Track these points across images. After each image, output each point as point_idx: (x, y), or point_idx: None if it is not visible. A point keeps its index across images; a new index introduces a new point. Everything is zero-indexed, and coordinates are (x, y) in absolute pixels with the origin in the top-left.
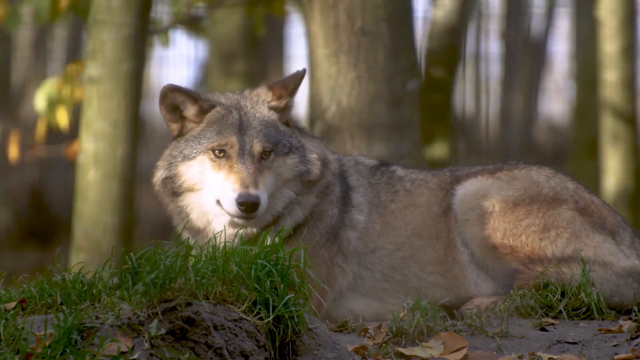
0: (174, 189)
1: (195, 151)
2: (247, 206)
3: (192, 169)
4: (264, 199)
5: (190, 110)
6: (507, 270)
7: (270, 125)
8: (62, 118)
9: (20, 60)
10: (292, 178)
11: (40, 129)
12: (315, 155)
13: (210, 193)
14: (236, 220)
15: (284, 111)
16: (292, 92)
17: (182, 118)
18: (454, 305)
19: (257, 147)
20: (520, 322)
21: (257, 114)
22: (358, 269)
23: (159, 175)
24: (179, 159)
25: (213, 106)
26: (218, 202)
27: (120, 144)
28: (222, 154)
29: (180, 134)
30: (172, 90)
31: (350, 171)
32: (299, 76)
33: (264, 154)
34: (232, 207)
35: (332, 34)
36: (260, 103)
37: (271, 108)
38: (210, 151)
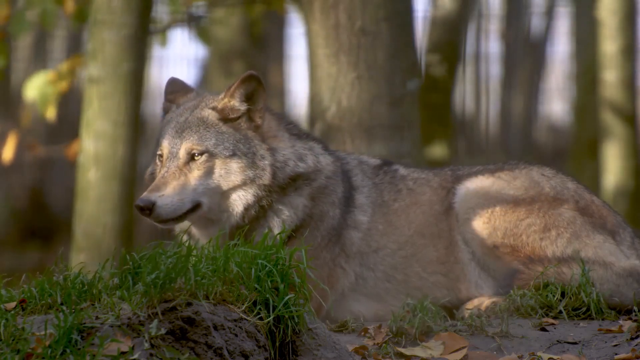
0: None
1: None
2: (139, 208)
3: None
4: (162, 202)
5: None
6: (508, 270)
7: (210, 127)
8: (50, 109)
9: (20, 60)
10: (241, 182)
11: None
12: (267, 162)
13: None
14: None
15: (231, 112)
16: (249, 96)
17: None
18: (454, 305)
19: (183, 150)
20: (520, 322)
21: (202, 116)
22: (360, 270)
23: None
24: (156, 157)
25: (168, 110)
26: None
27: (121, 144)
28: (160, 158)
29: None
30: (169, 83)
31: (354, 171)
32: (253, 81)
33: (195, 155)
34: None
35: (332, 34)
36: (210, 105)
37: (220, 110)
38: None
